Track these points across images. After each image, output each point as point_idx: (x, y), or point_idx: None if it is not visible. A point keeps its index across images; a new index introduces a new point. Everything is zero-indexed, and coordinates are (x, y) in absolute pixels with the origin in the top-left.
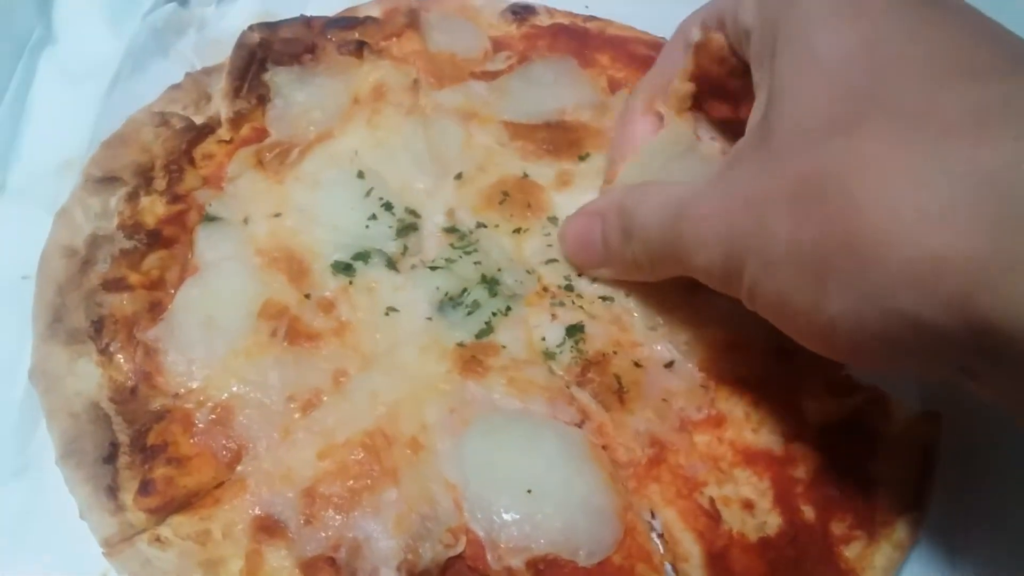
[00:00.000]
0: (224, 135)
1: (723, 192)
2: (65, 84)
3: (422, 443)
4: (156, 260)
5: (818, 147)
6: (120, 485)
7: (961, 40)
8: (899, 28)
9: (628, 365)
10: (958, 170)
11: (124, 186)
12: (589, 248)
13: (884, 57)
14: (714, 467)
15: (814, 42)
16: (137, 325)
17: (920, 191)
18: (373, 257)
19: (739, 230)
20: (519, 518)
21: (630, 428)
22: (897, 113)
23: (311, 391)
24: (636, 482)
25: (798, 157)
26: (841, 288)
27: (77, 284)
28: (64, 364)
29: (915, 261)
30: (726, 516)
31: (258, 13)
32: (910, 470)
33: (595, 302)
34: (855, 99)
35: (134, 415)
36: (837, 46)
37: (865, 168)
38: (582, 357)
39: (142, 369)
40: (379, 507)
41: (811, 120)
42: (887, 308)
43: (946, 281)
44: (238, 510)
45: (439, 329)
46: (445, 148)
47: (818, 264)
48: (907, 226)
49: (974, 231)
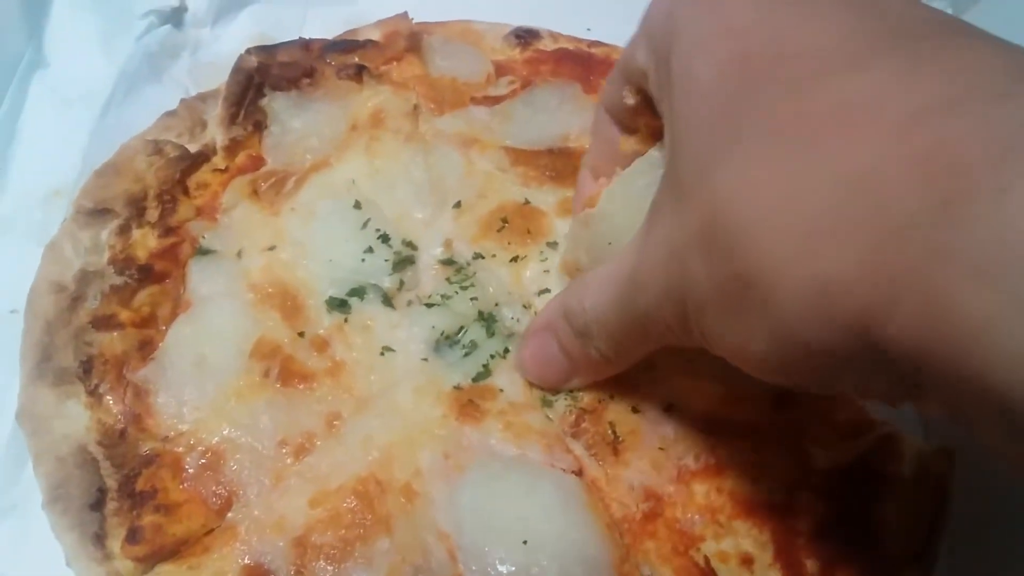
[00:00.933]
0: (219, 163)
1: (654, 246)
2: (56, 109)
3: (416, 490)
4: (147, 296)
5: (708, 179)
6: (107, 532)
7: (836, 29)
8: (770, 34)
9: (624, 411)
10: (832, 177)
11: (116, 218)
12: (551, 366)
13: (755, 68)
14: (712, 520)
15: (693, 69)
16: (127, 365)
17: (798, 207)
18: (369, 293)
19: (673, 280)
20: (515, 570)
21: (624, 482)
22: (768, 125)
23: (304, 435)
24: (631, 538)
25: (697, 194)
26: (754, 324)
27: (66, 322)
28: (52, 406)
29: (803, 287)
30: (723, 574)
31: (253, 36)
32: (920, 514)
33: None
34: (729, 119)
35: (123, 459)
36: (710, 66)
37: (742, 197)
38: (576, 405)
39: (132, 411)
40: (372, 558)
41: (700, 152)
42: (793, 340)
43: (839, 305)
44: (228, 559)
45: (435, 370)
46: (445, 176)
47: (731, 302)
48: (791, 248)
49: (857, 246)
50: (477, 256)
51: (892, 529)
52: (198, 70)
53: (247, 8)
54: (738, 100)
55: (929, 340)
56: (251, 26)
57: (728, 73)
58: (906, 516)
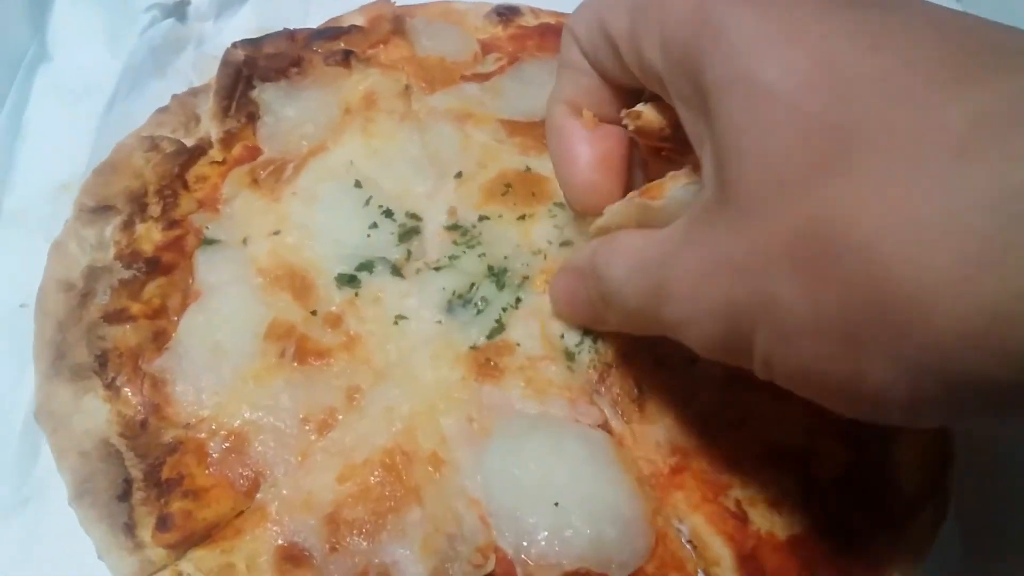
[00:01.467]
0: (216, 156)
1: (700, 259)
2: (61, 103)
3: (442, 457)
4: (156, 288)
5: (803, 197)
6: (137, 522)
7: (933, 41)
8: (854, 41)
9: (650, 365)
10: (987, 197)
11: (118, 215)
12: (579, 308)
13: (848, 77)
14: (737, 468)
15: (761, 76)
16: (142, 356)
17: (960, 227)
18: (377, 266)
19: (739, 303)
20: (548, 534)
21: (651, 438)
22: (887, 140)
23: (325, 411)
24: (660, 492)
25: (781, 212)
26: (883, 355)
27: (77, 319)
28: (70, 402)
29: (967, 317)
30: (753, 517)
31: (257, 28)
32: (932, 448)
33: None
34: (829, 132)
35: (146, 449)
36: (790, 74)
37: (872, 213)
38: (600, 360)
39: (150, 401)
40: (404, 529)
41: (784, 167)
42: (946, 371)
43: (1014, 335)
44: (260, 540)
45: (450, 332)
46: (442, 150)
47: (849, 332)
48: (946, 277)
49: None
50: (483, 218)
51: (908, 468)
52: (202, 63)
53: (250, 1)
54: (836, 111)
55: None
56: (254, 19)
57: (815, 83)
58: (919, 453)
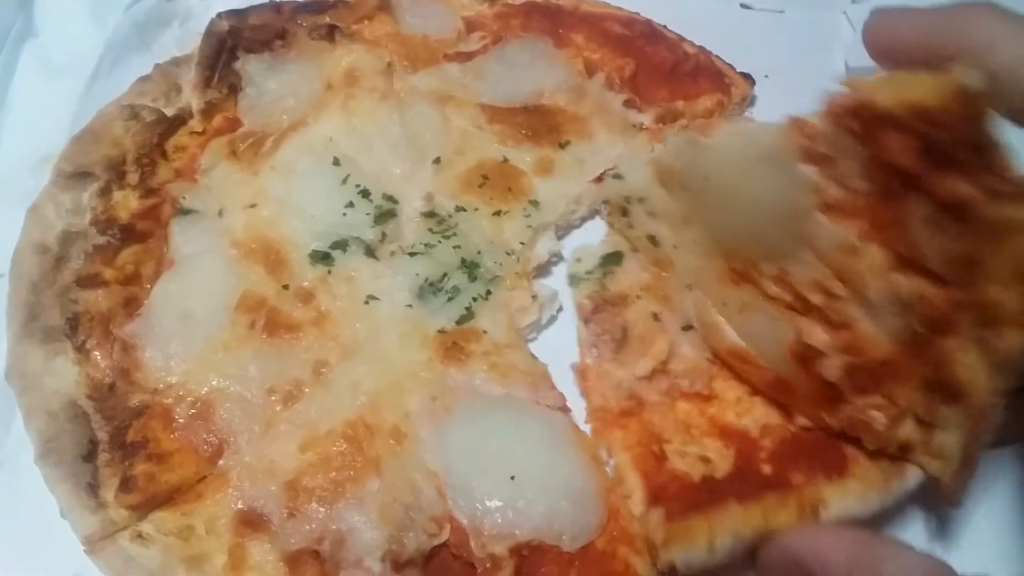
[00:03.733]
0: (196, 126)
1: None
2: (46, 77)
3: (404, 432)
4: (131, 255)
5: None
6: (100, 482)
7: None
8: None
9: (645, 315)
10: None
11: (96, 181)
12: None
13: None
14: (685, 431)
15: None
16: (113, 321)
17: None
18: (351, 245)
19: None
20: (502, 505)
21: (613, 379)
22: None
23: (292, 383)
24: (600, 424)
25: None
26: None
27: (51, 282)
28: (40, 363)
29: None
30: (676, 462)
31: (244, 3)
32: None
33: (643, 238)
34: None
35: (113, 412)
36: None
37: None
38: (602, 293)
39: (119, 365)
40: (363, 498)
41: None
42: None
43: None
44: (221, 504)
45: (420, 316)
46: (421, 132)
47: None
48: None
49: None
50: (460, 209)
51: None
52: (187, 40)
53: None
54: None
55: None
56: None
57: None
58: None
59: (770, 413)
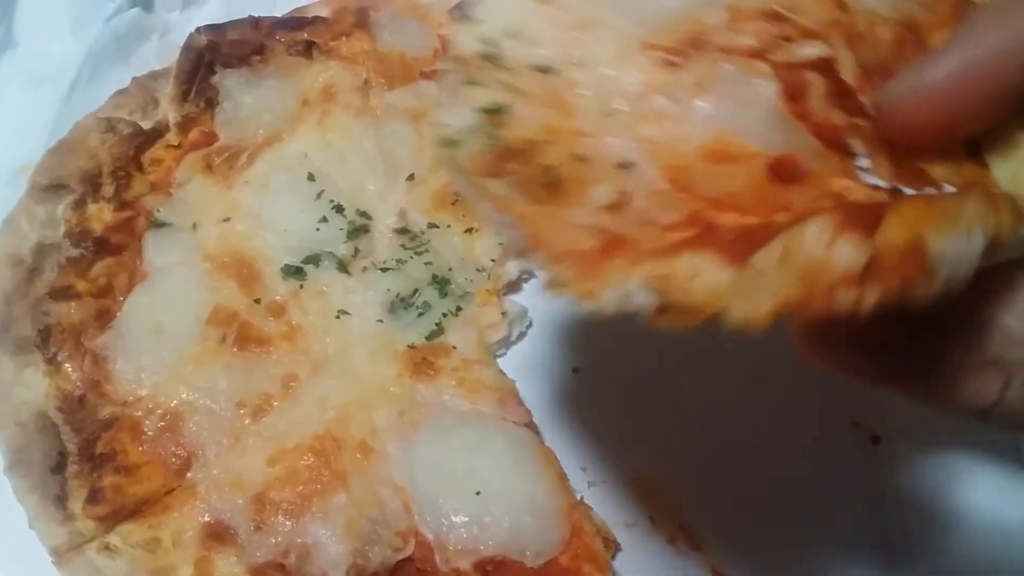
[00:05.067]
0: (172, 140)
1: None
2: (24, 88)
3: (372, 447)
4: (104, 268)
5: None
6: (68, 494)
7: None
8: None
9: (565, 157)
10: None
11: (71, 193)
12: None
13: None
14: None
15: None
16: (85, 333)
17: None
18: (324, 260)
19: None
20: (467, 520)
21: (566, 220)
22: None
23: (261, 397)
24: (583, 268)
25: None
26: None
27: (24, 293)
28: (11, 373)
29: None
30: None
31: (223, 19)
32: None
33: (527, 75)
34: None
35: (82, 424)
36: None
37: None
38: (497, 145)
39: (90, 377)
40: (328, 512)
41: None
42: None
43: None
44: (188, 517)
45: (390, 331)
46: (396, 150)
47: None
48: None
49: None
50: (432, 226)
51: None
52: (166, 53)
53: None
54: None
55: None
56: (220, 10)
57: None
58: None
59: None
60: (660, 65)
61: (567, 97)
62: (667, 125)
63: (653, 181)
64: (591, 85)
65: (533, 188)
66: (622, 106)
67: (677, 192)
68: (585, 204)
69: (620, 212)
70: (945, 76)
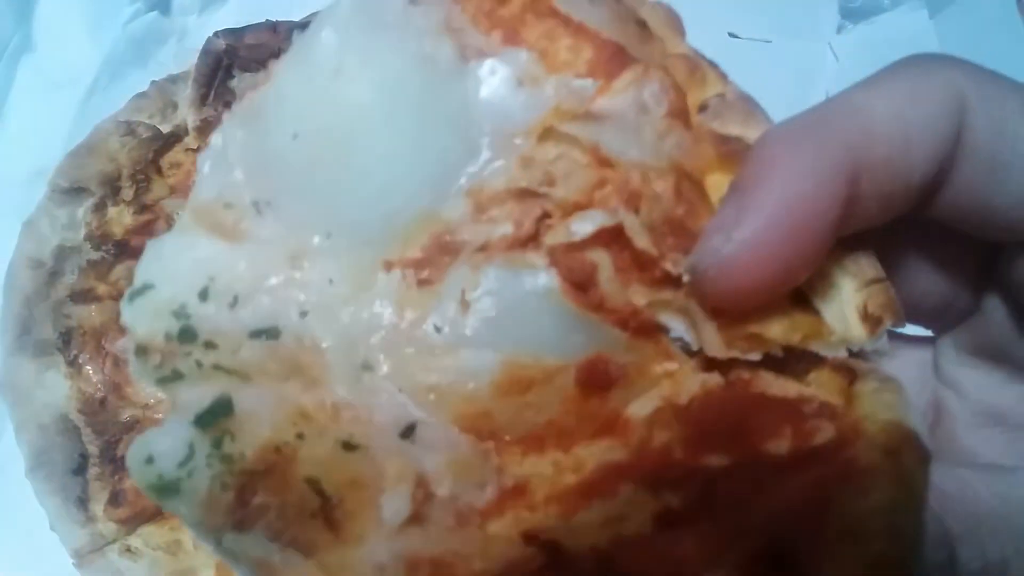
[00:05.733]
0: (191, 143)
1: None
2: (42, 92)
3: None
4: (124, 270)
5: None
6: (90, 496)
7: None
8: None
9: (330, 454)
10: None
11: (91, 196)
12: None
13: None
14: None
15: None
16: (106, 336)
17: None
18: None
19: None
20: None
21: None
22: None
23: None
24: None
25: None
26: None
27: (45, 296)
28: (32, 376)
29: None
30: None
31: (240, 23)
32: None
33: (242, 345)
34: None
35: (104, 426)
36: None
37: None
38: (232, 472)
39: (111, 380)
40: None
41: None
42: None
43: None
44: None
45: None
46: None
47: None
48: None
49: None
50: None
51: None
52: (184, 57)
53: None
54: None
55: None
56: (238, 14)
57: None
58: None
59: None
60: (410, 286)
61: (306, 359)
62: (442, 362)
63: (448, 440)
64: (331, 334)
65: (304, 529)
66: (379, 352)
67: (480, 445)
68: (378, 528)
69: (425, 520)
70: (765, 228)
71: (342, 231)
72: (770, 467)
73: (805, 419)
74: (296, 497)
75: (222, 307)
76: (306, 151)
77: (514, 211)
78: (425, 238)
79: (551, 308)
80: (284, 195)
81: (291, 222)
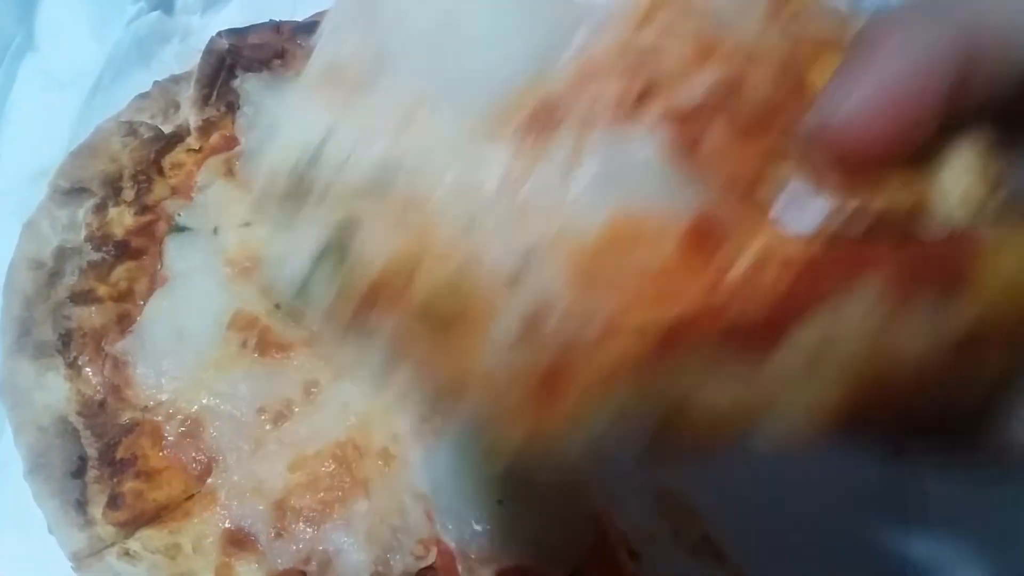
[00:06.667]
0: (193, 144)
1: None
2: (45, 92)
3: (393, 453)
4: (124, 272)
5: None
6: (89, 499)
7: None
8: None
9: (441, 288)
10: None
11: (92, 197)
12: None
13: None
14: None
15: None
16: (105, 338)
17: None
18: None
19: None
20: (490, 528)
21: (479, 361)
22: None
23: (282, 402)
24: (532, 412)
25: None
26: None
27: (45, 297)
28: (32, 378)
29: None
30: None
31: (243, 23)
32: None
33: (360, 193)
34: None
35: (103, 428)
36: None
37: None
38: (353, 284)
39: (111, 382)
40: (350, 519)
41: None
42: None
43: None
44: (208, 523)
45: None
46: None
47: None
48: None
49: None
50: None
51: None
52: (186, 57)
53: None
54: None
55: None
56: (241, 14)
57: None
58: None
59: None
60: (518, 148)
61: (418, 210)
62: (549, 216)
63: (556, 286)
64: (441, 188)
65: (419, 333)
66: (489, 206)
67: (589, 293)
68: (490, 346)
69: (534, 341)
70: (884, 86)
71: (453, 95)
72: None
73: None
74: (411, 312)
75: (338, 159)
76: (418, 21)
77: (621, 79)
78: (532, 103)
79: (658, 168)
80: (396, 60)
81: (403, 85)
